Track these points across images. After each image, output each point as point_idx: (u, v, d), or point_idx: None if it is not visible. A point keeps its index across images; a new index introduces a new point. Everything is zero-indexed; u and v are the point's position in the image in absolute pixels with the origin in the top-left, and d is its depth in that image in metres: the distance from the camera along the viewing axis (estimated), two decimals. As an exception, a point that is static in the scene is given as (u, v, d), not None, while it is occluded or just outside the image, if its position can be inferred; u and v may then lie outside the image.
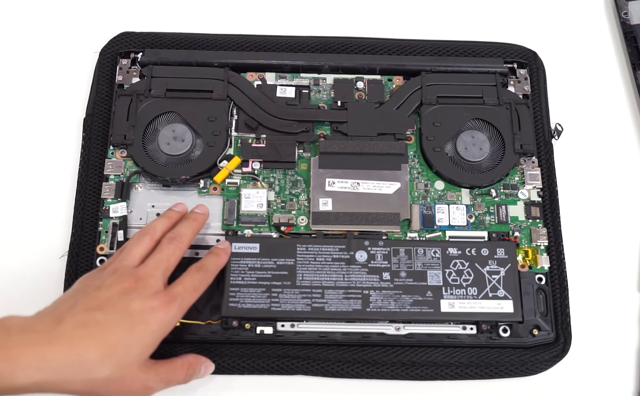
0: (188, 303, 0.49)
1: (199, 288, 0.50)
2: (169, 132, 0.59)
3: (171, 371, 0.50)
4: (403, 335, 0.54)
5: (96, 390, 0.44)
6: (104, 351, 0.44)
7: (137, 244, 0.50)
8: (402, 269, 0.55)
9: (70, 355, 0.43)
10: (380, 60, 0.63)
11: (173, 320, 0.48)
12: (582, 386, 0.55)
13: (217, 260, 0.53)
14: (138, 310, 0.46)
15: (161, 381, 0.48)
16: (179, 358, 0.51)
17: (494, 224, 0.58)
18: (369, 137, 0.60)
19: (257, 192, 0.58)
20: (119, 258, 0.50)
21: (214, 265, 0.52)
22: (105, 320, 0.45)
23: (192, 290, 0.49)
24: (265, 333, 0.54)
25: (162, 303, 0.47)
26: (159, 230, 0.52)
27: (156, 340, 0.47)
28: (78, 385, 0.44)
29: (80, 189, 0.58)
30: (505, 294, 0.54)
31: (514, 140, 0.60)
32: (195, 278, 0.50)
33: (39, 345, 0.43)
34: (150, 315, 0.46)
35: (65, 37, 0.66)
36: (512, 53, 0.64)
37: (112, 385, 0.45)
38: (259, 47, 0.64)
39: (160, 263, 0.49)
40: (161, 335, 0.47)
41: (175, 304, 0.48)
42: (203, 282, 0.51)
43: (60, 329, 0.44)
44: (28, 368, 0.42)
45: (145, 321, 0.46)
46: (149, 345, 0.47)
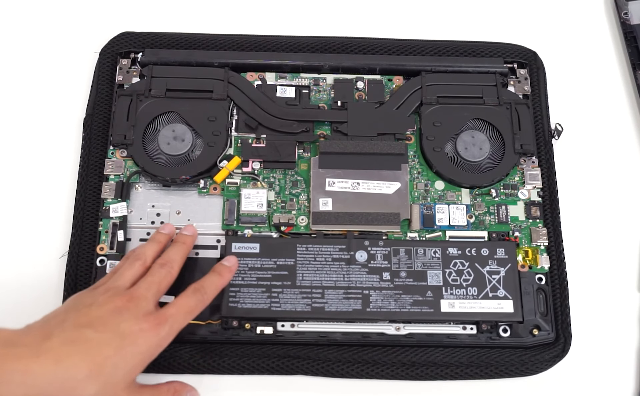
0: (180, 326, 0.49)
1: (194, 310, 0.50)
2: (169, 132, 0.59)
3: (155, 394, 0.49)
4: (403, 335, 0.54)
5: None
6: (91, 369, 0.43)
7: (129, 268, 0.50)
8: (402, 269, 0.55)
9: (56, 371, 0.42)
10: (380, 60, 0.63)
11: (163, 342, 0.47)
12: (582, 386, 0.55)
13: (218, 281, 0.52)
14: (128, 330, 0.46)
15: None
16: (165, 384, 0.51)
17: (494, 224, 0.58)
18: (369, 137, 0.60)
19: (257, 192, 0.58)
20: (111, 279, 0.50)
21: (214, 286, 0.51)
22: (94, 338, 0.44)
23: (186, 313, 0.49)
24: (265, 333, 0.54)
25: (152, 325, 0.46)
26: (149, 256, 0.52)
27: (144, 362, 0.47)
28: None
29: (80, 189, 0.58)
30: (505, 294, 0.54)
31: (514, 140, 0.60)
32: (191, 300, 0.50)
33: (25, 358, 0.42)
34: (140, 336, 0.46)
35: (65, 37, 0.66)
36: (512, 53, 0.64)
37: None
38: (259, 47, 0.64)
39: (152, 286, 0.49)
40: (149, 357, 0.47)
41: (165, 326, 0.47)
42: (199, 305, 0.50)
43: (48, 344, 0.43)
44: (12, 382, 0.41)
45: (134, 343, 0.46)
46: (136, 366, 0.46)
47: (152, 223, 0.57)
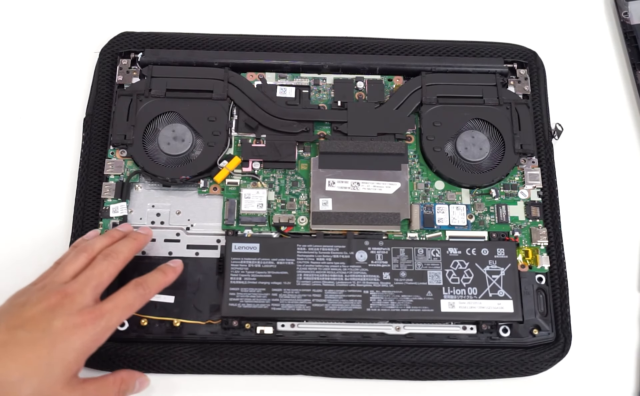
0: (117, 321, 0.48)
1: (134, 305, 0.49)
2: (169, 132, 0.59)
3: (101, 388, 0.48)
4: (403, 335, 0.54)
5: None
6: (24, 371, 0.43)
7: (72, 261, 0.49)
8: (402, 269, 0.55)
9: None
10: (380, 60, 0.63)
11: (99, 337, 0.46)
12: (582, 386, 0.55)
13: (161, 278, 0.51)
14: (60, 327, 0.45)
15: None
16: (112, 374, 0.50)
17: (494, 224, 0.58)
18: (369, 137, 0.60)
19: (257, 192, 0.58)
20: (52, 274, 0.49)
21: (156, 283, 0.51)
22: (25, 339, 0.44)
23: (124, 307, 0.48)
24: (265, 333, 0.54)
25: (86, 320, 0.46)
26: (96, 248, 0.51)
27: (80, 358, 0.46)
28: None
29: (80, 189, 0.58)
30: (506, 294, 0.54)
31: (514, 140, 0.60)
32: (130, 295, 0.49)
33: None
34: (73, 332, 0.45)
35: (65, 37, 0.66)
36: (512, 53, 0.64)
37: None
38: (259, 47, 0.64)
39: (91, 279, 0.48)
40: (86, 353, 0.46)
41: (101, 321, 0.46)
42: (139, 299, 0.49)
43: None
44: None
45: (66, 340, 0.45)
46: (72, 363, 0.45)
47: (152, 223, 0.57)
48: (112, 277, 0.50)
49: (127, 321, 0.53)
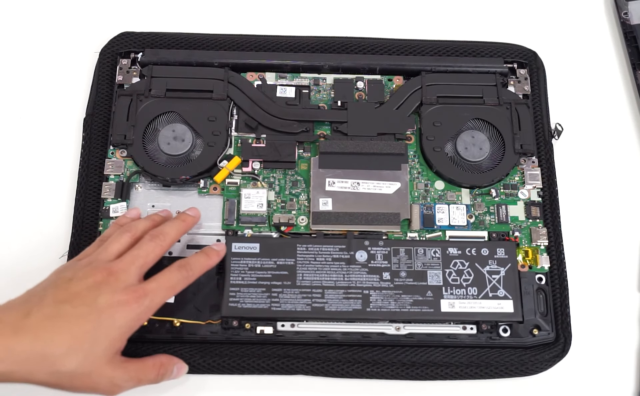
0: (160, 301, 0.48)
1: (176, 286, 0.49)
2: (169, 132, 0.59)
3: (141, 370, 0.49)
4: (403, 335, 0.54)
5: (61, 383, 0.44)
6: (69, 345, 0.44)
7: (116, 240, 0.50)
8: (402, 269, 0.55)
9: (35, 347, 0.43)
10: (380, 60, 0.63)
11: (142, 316, 0.47)
12: (582, 386, 0.55)
13: (205, 261, 0.52)
14: (105, 304, 0.46)
15: (130, 380, 0.48)
16: (151, 357, 0.51)
17: (494, 224, 0.58)
18: (369, 137, 0.60)
19: (257, 192, 0.58)
20: (96, 252, 0.50)
21: (200, 265, 0.51)
22: (72, 313, 0.45)
23: (167, 288, 0.49)
24: (266, 333, 0.54)
25: (131, 299, 0.46)
26: (140, 229, 0.51)
27: (123, 336, 0.47)
28: (42, 377, 0.43)
29: (80, 189, 0.58)
30: (505, 294, 0.54)
31: (514, 140, 0.60)
32: (174, 276, 0.49)
33: (4, 336, 0.43)
34: (117, 310, 0.46)
35: (65, 37, 0.66)
36: (512, 53, 0.64)
37: (77, 379, 0.45)
38: (259, 47, 0.64)
39: (137, 259, 0.49)
40: (129, 331, 0.47)
41: (145, 300, 0.47)
42: (182, 281, 0.49)
43: (27, 322, 0.44)
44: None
45: (111, 316, 0.46)
46: (116, 340, 0.46)
47: (152, 223, 0.57)
48: (157, 258, 0.50)
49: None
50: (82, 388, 0.46)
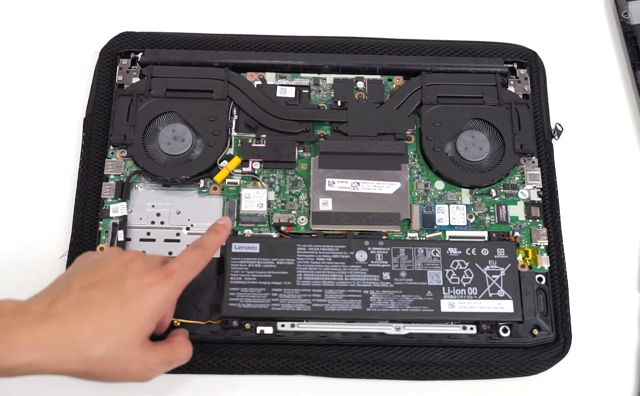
0: (185, 280, 0.48)
1: (197, 265, 0.49)
2: (169, 132, 0.59)
3: (171, 350, 0.48)
4: (403, 335, 0.54)
5: (92, 370, 0.44)
6: (98, 329, 0.43)
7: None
8: (402, 269, 0.55)
9: (63, 334, 0.42)
10: (380, 60, 0.63)
11: (170, 296, 0.47)
12: (582, 386, 0.55)
13: (216, 238, 0.51)
14: (133, 286, 0.45)
15: (162, 363, 0.47)
16: (172, 337, 0.50)
17: (494, 224, 0.58)
18: (369, 137, 0.60)
19: (257, 192, 0.58)
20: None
21: (213, 243, 0.51)
22: (99, 297, 0.44)
23: (189, 267, 0.48)
24: (266, 333, 0.54)
25: (157, 280, 0.46)
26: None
27: (153, 317, 0.46)
28: (73, 364, 0.43)
29: (80, 189, 0.58)
30: (505, 294, 0.54)
31: (514, 140, 0.60)
32: (193, 255, 0.49)
33: (31, 325, 0.42)
34: (145, 291, 0.45)
35: (65, 37, 0.66)
36: (512, 53, 0.64)
37: (109, 365, 0.44)
38: (259, 47, 0.64)
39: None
40: (158, 312, 0.46)
41: (171, 280, 0.47)
42: (201, 259, 0.49)
43: (54, 309, 0.43)
44: (20, 348, 0.41)
45: (139, 297, 0.45)
46: (146, 322, 0.45)
47: (152, 223, 0.57)
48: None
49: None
50: (115, 375, 0.45)
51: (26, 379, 0.43)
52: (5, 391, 0.52)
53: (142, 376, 0.46)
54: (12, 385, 0.46)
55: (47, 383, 0.45)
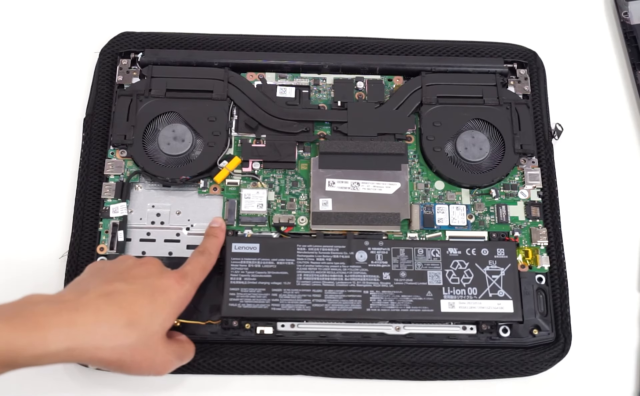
0: (198, 281, 0.51)
1: (206, 267, 0.52)
2: (169, 132, 0.59)
3: (182, 346, 0.51)
4: (403, 335, 0.54)
5: (123, 357, 0.45)
6: (129, 318, 0.45)
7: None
8: (402, 269, 0.55)
9: (97, 322, 0.44)
10: (380, 60, 0.63)
11: (188, 294, 0.50)
12: (582, 386, 0.55)
13: (216, 241, 0.54)
14: (157, 283, 0.48)
15: (177, 357, 0.50)
16: (178, 335, 0.52)
17: (494, 224, 0.58)
18: (369, 137, 0.60)
19: (257, 192, 0.58)
20: None
21: (214, 246, 0.54)
22: (128, 290, 0.46)
23: (200, 270, 0.51)
24: (265, 333, 0.54)
25: (176, 279, 0.49)
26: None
27: (175, 312, 0.48)
28: (107, 351, 0.44)
29: (80, 189, 0.58)
30: (505, 294, 0.54)
31: (514, 140, 0.60)
32: (201, 259, 0.52)
33: (67, 311, 0.43)
34: (168, 288, 0.48)
35: (65, 37, 0.66)
36: (512, 53, 0.64)
37: (138, 353, 0.46)
38: (259, 47, 0.64)
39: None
40: (179, 309, 0.49)
41: (187, 280, 0.50)
42: (209, 263, 0.53)
43: (86, 298, 0.45)
44: (59, 333, 0.42)
45: (164, 292, 0.48)
46: (169, 316, 0.48)
47: (152, 224, 0.57)
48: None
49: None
50: (142, 365, 0.46)
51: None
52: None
53: (163, 368, 0.48)
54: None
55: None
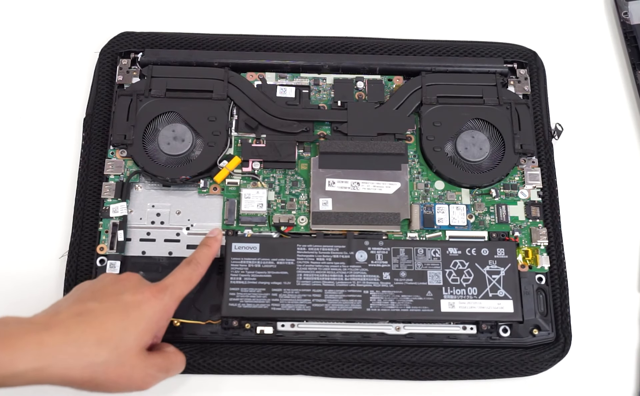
0: (180, 293, 0.50)
1: (191, 279, 0.51)
2: (169, 132, 0.59)
3: (167, 358, 0.50)
4: (403, 335, 0.54)
5: (96, 375, 0.45)
6: (100, 336, 0.45)
7: None
8: (402, 269, 0.55)
9: (67, 340, 0.44)
10: (380, 60, 0.63)
11: (167, 308, 0.49)
12: (582, 386, 0.55)
13: (208, 252, 0.53)
14: (130, 299, 0.47)
15: (161, 371, 0.49)
16: (164, 346, 0.51)
17: (494, 224, 0.58)
18: (369, 137, 0.60)
19: (257, 192, 0.58)
20: None
21: (205, 257, 0.53)
22: (99, 308, 0.46)
23: (184, 280, 0.50)
24: (265, 333, 0.54)
25: (153, 293, 0.48)
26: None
27: (151, 327, 0.47)
28: (78, 370, 0.44)
29: (80, 189, 0.58)
30: (505, 294, 0.54)
31: (514, 140, 0.60)
32: (186, 270, 0.51)
33: (36, 332, 0.43)
34: (143, 303, 0.47)
35: (65, 37, 0.66)
36: (512, 53, 0.64)
37: (112, 371, 0.45)
38: (259, 47, 0.64)
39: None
40: (155, 322, 0.48)
41: (166, 293, 0.49)
42: (195, 274, 0.51)
43: (56, 319, 0.45)
44: (27, 354, 0.42)
45: (137, 307, 0.47)
46: (145, 331, 0.47)
47: (152, 223, 0.57)
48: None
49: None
50: (119, 382, 0.46)
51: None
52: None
53: (144, 383, 0.48)
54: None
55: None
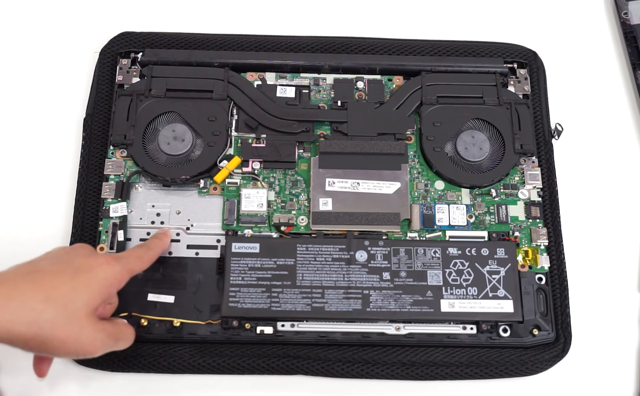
0: (132, 267, 0.50)
1: (143, 258, 0.52)
2: (169, 132, 0.59)
3: (118, 328, 0.50)
4: (403, 335, 0.54)
5: (42, 332, 0.44)
6: (48, 294, 0.45)
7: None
8: (402, 269, 0.55)
9: (13, 294, 0.44)
10: (380, 60, 0.63)
11: (119, 276, 0.49)
12: (582, 386, 0.55)
13: (159, 241, 0.54)
14: (82, 263, 0.47)
15: (110, 337, 0.48)
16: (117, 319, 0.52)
17: (494, 224, 0.58)
18: (369, 137, 0.60)
19: (257, 191, 0.58)
20: None
21: (155, 244, 0.54)
22: (50, 269, 0.46)
23: (135, 258, 0.51)
24: (265, 333, 0.54)
25: (106, 260, 0.48)
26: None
27: (102, 290, 0.47)
28: (23, 326, 0.43)
29: (80, 189, 0.58)
30: (505, 294, 0.54)
31: (514, 140, 0.60)
32: (139, 250, 0.52)
33: None
34: (95, 267, 0.48)
35: (65, 37, 0.66)
36: (512, 53, 0.64)
37: (59, 330, 0.45)
38: (259, 47, 0.64)
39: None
40: (106, 286, 0.48)
41: (119, 262, 0.49)
42: (146, 255, 0.52)
43: (5, 276, 0.45)
44: None
45: (89, 270, 0.47)
46: (95, 293, 0.47)
47: (152, 223, 0.57)
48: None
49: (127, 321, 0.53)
50: (66, 342, 0.45)
51: None
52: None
53: (93, 347, 0.47)
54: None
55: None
